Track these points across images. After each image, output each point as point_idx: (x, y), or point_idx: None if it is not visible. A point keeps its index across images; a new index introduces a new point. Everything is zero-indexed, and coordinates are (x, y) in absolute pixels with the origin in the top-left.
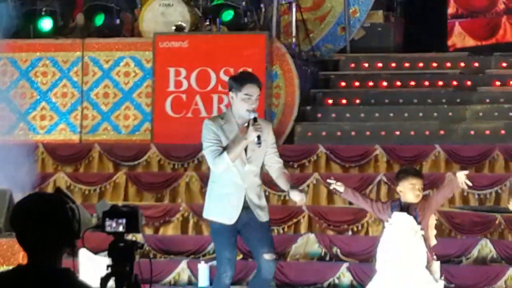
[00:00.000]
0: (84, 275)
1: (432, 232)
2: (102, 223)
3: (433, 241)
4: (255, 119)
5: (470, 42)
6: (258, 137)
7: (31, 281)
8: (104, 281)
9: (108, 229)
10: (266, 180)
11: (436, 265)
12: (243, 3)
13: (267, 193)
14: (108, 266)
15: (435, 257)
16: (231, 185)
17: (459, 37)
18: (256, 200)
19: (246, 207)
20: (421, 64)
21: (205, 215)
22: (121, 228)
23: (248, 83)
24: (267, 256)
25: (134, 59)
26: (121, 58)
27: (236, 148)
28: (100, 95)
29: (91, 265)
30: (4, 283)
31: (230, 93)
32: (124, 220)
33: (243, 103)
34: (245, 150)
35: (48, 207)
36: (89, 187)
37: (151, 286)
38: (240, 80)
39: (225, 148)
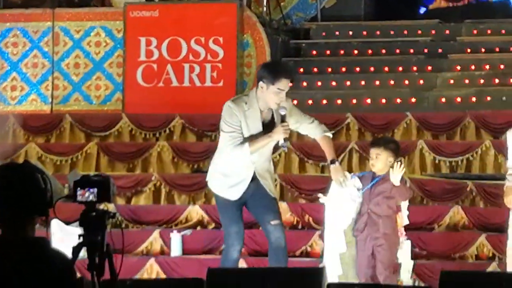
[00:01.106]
0: (56, 245)
1: (404, 212)
2: (74, 192)
3: (405, 221)
4: (283, 118)
5: (442, 3)
6: (285, 139)
7: (5, 252)
8: (75, 250)
9: (79, 198)
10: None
11: (407, 244)
12: None
13: None
14: (80, 236)
15: (405, 237)
16: (241, 164)
17: None
18: (264, 174)
19: (253, 179)
20: (392, 32)
21: (210, 185)
22: (92, 198)
23: (283, 78)
24: (273, 222)
25: (104, 29)
26: (92, 28)
27: (259, 144)
28: (71, 66)
29: (63, 235)
30: None
31: (261, 82)
32: (95, 190)
33: (273, 96)
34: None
35: (19, 176)
36: (61, 157)
37: (123, 256)
38: (275, 73)
39: (244, 138)
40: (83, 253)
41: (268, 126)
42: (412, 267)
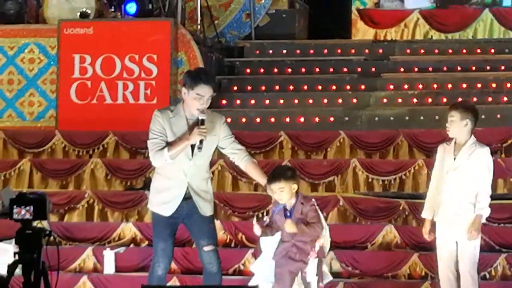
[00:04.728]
0: None
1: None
2: (10, 210)
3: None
4: (202, 122)
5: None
6: (201, 141)
7: None
8: (11, 268)
9: (15, 216)
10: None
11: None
12: None
13: None
14: (15, 254)
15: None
16: (174, 177)
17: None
18: (199, 193)
19: (187, 198)
20: (325, 51)
21: (148, 205)
22: (28, 215)
23: (201, 83)
24: (205, 248)
25: (38, 45)
26: (26, 45)
27: (177, 147)
28: (5, 82)
29: None
30: None
31: (183, 88)
32: (31, 207)
33: (194, 101)
34: (192, 145)
35: None
36: None
37: (58, 273)
38: (194, 79)
39: (168, 143)
40: (18, 270)
41: None
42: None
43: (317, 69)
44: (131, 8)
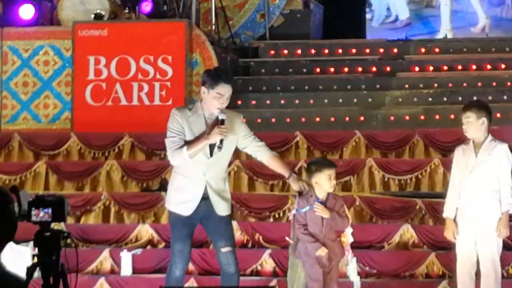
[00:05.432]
0: (6, 264)
1: (349, 230)
2: (28, 212)
3: (350, 239)
4: (222, 122)
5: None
6: (221, 141)
7: None
8: (30, 271)
9: (34, 218)
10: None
11: (353, 262)
12: None
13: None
14: (34, 256)
15: (351, 255)
16: (192, 176)
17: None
18: (217, 193)
19: (205, 198)
20: (340, 51)
21: (166, 204)
22: (46, 218)
23: (221, 82)
24: (223, 249)
25: (53, 47)
26: (41, 47)
27: (196, 146)
28: (20, 84)
29: (14, 255)
30: None
31: (203, 87)
32: (50, 210)
33: (214, 100)
34: (211, 144)
35: None
36: (9, 176)
37: (77, 275)
38: (214, 78)
39: (186, 142)
40: (37, 273)
41: None
42: (360, 284)
43: (332, 69)
44: (147, 6)
